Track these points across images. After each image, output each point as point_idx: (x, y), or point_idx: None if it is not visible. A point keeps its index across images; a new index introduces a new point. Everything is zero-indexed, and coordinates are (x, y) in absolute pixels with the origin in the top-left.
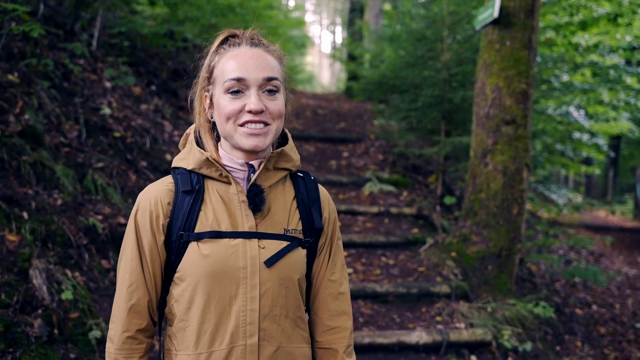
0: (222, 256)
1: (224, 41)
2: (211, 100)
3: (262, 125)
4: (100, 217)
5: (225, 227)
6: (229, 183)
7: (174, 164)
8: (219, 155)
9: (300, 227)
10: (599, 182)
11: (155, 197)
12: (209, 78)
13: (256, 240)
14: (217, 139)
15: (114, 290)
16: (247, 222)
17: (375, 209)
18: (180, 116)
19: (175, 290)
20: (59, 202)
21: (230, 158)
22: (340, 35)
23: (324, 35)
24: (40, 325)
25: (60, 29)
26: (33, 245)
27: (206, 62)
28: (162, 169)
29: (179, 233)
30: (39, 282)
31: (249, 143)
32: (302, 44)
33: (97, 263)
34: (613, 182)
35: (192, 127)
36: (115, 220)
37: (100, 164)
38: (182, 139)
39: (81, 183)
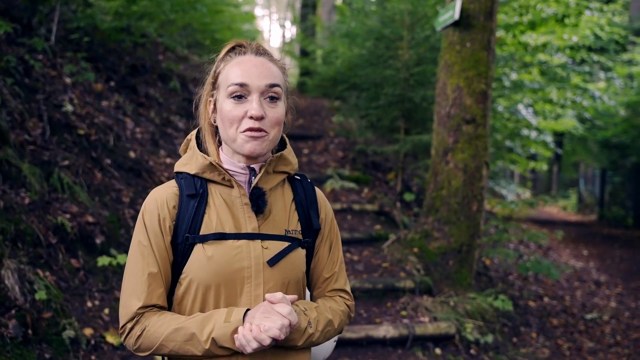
0: (227, 257)
1: (231, 50)
2: (215, 104)
3: (260, 132)
4: (68, 215)
5: (229, 229)
6: (232, 186)
7: (176, 169)
8: (220, 159)
9: (299, 227)
10: (544, 178)
11: (161, 200)
12: (214, 83)
13: (259, 241)
14: (219, 142)
15: (85, 289)
16: (249, 223)
17: (338, 206)
18: (141, 113)
19: (181, 290)
20: (27, 200)
21: (231, 162)
22: (290, 30)
23: (274, 29)
24: (15, 326)
25: (17, 23)
26: (3, 245)
27: (213, 68)
28: (127, 167)
29: (185, 235)
30: (12, 282)
31: (247, 148)
32: (252, 38)
33: (67, 262)
34: (557, 177)
35: (193, 132)
36: (84, 219)
37: (65, 162)
38: (182, 144)
39: (48, 181)
